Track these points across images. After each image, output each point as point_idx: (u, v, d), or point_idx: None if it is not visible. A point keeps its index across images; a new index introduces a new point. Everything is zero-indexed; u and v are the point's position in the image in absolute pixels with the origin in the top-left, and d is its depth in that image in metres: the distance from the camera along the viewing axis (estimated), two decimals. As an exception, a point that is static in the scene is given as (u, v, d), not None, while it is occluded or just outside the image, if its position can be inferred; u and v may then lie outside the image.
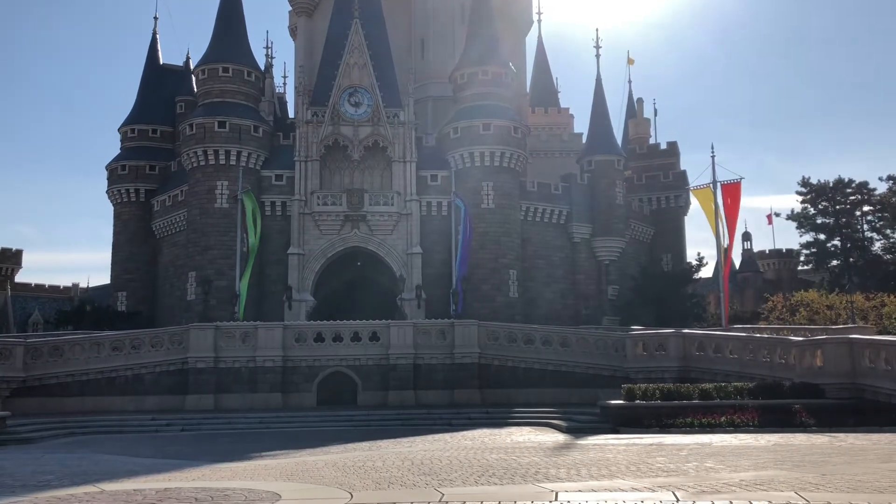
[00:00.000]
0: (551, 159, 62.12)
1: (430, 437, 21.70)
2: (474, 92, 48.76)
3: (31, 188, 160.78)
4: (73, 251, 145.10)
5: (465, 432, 23.56)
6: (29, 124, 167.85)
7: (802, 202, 64.33)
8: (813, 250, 64.65)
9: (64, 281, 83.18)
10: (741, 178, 36.65)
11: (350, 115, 47.37)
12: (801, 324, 42.46)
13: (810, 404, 21.29)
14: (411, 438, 21.44)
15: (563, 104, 73.15)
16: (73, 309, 56.18)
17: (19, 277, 77.43)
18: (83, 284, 75.70)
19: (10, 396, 31.48)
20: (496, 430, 23.92)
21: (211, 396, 33.20)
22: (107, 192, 54.37)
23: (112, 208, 54.45)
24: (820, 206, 63.55)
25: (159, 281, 52.01)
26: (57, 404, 31.89)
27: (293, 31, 67.97)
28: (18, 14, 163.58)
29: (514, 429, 24.71)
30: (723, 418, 20.79)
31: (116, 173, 53.68)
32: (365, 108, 47.45)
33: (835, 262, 64.05)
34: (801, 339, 26.65)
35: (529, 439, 20.34)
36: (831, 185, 63.19)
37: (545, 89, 73.95)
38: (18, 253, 78.91)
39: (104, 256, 70.12)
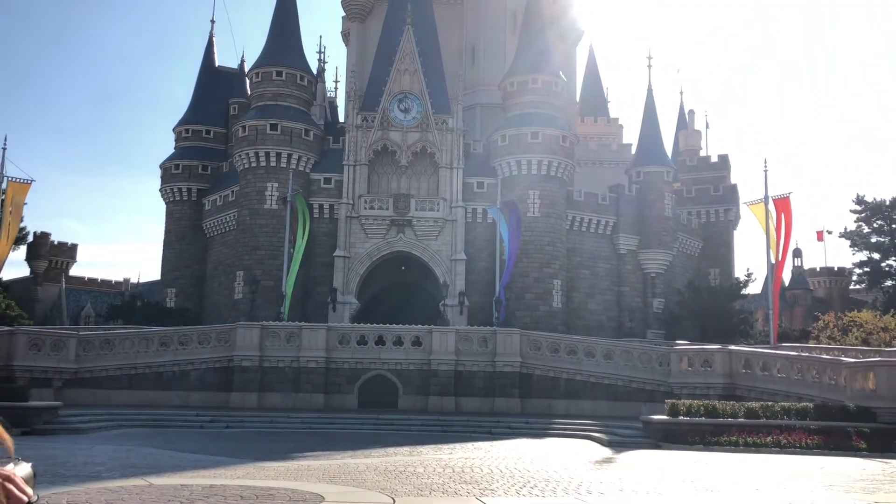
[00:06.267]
0: (599, 169, 61.68)
1: (469, 445, 21.69)
2: (524, 100, 48.68)
3: (84, 184, 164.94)
4: (125, 247, 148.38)
5: (505, 441, 23.49)
6: (85, 123, 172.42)
7: (857, 220, 62.75)
8: (866, 269, 62.95)
9: (115, 276, 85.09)
10: (789, 194, 36.11)
11: (399, 121, 47.72)
12: (853, 344, 41.39)
13: (861, 428, 20.74)
14: (451, 445, 21.45)
15: (612, 114, 72.56)
16: (123, 303, 57.44)
17: (73, 271, 79.51)
18: (134, 280, 77.43)
19: (63, 387, 32.30)
20: (536, 441, 23.80)
21: (255, 394, 33.63)
22: (160, 190, 55.61)
23: (164, 206, 55.69)
24: (875, 225, 61.88)
25: (208, 279, 52.95)
26: (105, 396, 32.63)
27: (346, 36, 68.73)
28: (80, 14, 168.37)
29: (554, 440, 24.56)
30: (769, 438, 20.38)
31: (170, 172, 54.88)
32: (414, 115, 47.76)
33: (889, 283, 62.30)
34: (852, 360, 26.00)
35: (570, 452, 20.21)
36: (887, 203, 61.53)
37: (595, 99, 73.43)
38: (73, 247, 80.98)
39: (155, 253, 71.44)
